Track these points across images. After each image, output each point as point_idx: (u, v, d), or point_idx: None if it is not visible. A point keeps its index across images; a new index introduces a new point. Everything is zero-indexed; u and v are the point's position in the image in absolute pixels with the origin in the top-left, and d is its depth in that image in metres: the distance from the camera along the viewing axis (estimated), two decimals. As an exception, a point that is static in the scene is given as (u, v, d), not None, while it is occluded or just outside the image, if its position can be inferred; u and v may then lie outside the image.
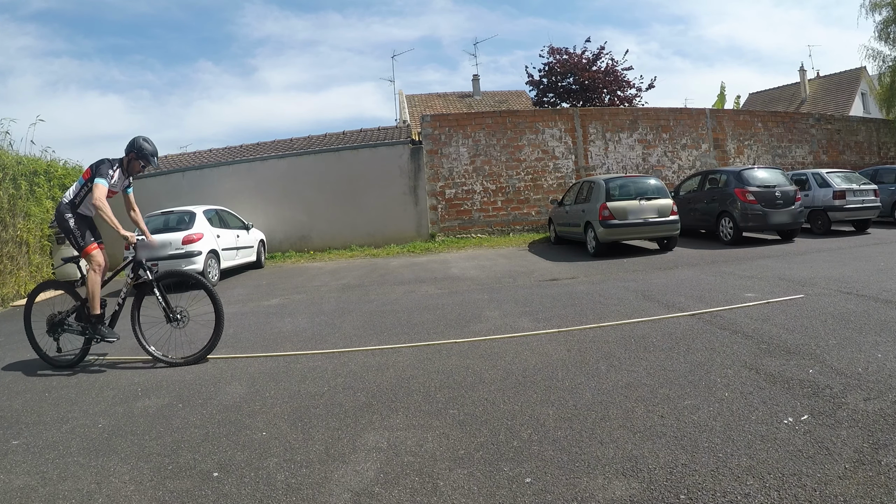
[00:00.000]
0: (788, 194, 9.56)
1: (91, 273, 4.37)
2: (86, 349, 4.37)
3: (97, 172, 4.29)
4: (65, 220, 4.36)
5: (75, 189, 4.46)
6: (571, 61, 18.97)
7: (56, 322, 4.40)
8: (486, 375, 3.29)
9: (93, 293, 4.34)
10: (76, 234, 4.38)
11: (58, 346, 4.37)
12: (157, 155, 4.56)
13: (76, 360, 4.31)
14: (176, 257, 8.57)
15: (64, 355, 4.35)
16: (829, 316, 4.08)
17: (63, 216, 4.37)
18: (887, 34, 17.64)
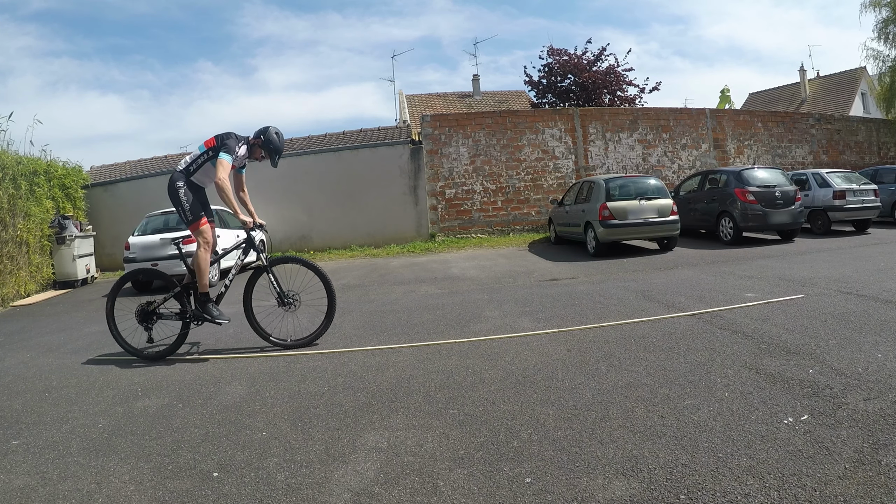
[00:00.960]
0: (788, 194, 9.56)
1: (200, 250, 4.14)
2: (183, 335, 4.22)
3: (224, 146, 4.06)
4: (175, 189, 4.12)
5: (192, 157, 4.24)
6: (571, 62, 18.96)
7: (149, 311, 4.22)
8: (486, 375, 3.29)
9: (201, 271, 4.12)
10: (185, 207, 4.14)
11: (150, 337, 4.21)
12: (281, 154, 4.39)
13: (171, 348, 4.18)
14: (176, 257, 8.57)
15: (156, 346, 4.22)
16: (829, 316, 4.08)
17: (174, 185, 4.13)
18: (887, 34, 17.65)
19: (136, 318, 4.24)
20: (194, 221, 4.16)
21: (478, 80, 25.59)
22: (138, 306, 4.25)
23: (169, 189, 4.20)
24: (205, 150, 4.20)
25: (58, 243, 9.98)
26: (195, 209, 4.18)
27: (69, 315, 7.10)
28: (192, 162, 4.21)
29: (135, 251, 8.71)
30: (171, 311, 4.26)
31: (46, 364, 4.40)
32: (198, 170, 4.21)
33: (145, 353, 4.20)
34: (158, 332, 4.29)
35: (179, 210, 4.18)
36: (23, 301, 8.74)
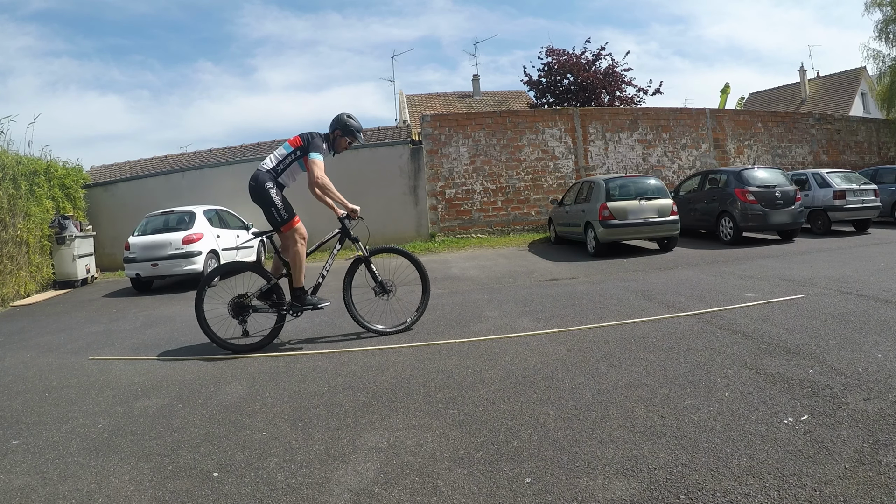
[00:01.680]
0: (788, 194, 9.56)
1: (297, 246, 4.18)
2: (278, 328, 4.25)
3: (313, 146, 4.07)
4: (265, 190, 4.09)
5: (278, 156, 4.20)
6: (570, 62, 18.96)
7: (243, 304, 4.21)
8: (486, 375, 3.29)
9: (299, 266, 4.18)
10: (278, 207, 4.10)
11: (244, 330, 4.22)
12: (361, 130, 4.42)
13: (265, 341, 4.20)
14: (176, 257, 8.58)
15: (249, 339, 4.23)
16: (829, 316, 4.08)
17: (264, 186, 4.09)
18: (887, 34, 17.65)
19: (230, 312, 4.21)
20: (289, 221, 4.14)
21: (478, 80, 25.61)
22: (231, 299, 4.23)
23: (256, 189, 4.13)
24: (291, 150, 4.18)
25: (58, 243, 9.98)
26: (288, 209, 4.15)
27: (69, 315, 7.10)
28: (280, 162, 4.17)
29: (135, 251, 8.72)
30: (265, 304, 4.22)
31: (46, 364, 4.40)
32: (285, 170, 4.18)
33: (237, 347, 4.19)
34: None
35: (272, 210, 4.11)
36: (23, 301, 8.74)
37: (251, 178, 4.20)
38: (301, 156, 4.18)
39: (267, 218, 4.17)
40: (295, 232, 4.16)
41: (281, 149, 4.25)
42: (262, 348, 4.20)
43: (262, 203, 4.13)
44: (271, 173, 4.15)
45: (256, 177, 4.16)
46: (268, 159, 4.25)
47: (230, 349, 4.19)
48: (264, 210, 4.16)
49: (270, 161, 4.22)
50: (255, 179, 4.16)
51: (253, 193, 4.18)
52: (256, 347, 4.19)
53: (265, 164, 4.21)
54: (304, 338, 4.63)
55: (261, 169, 4.19)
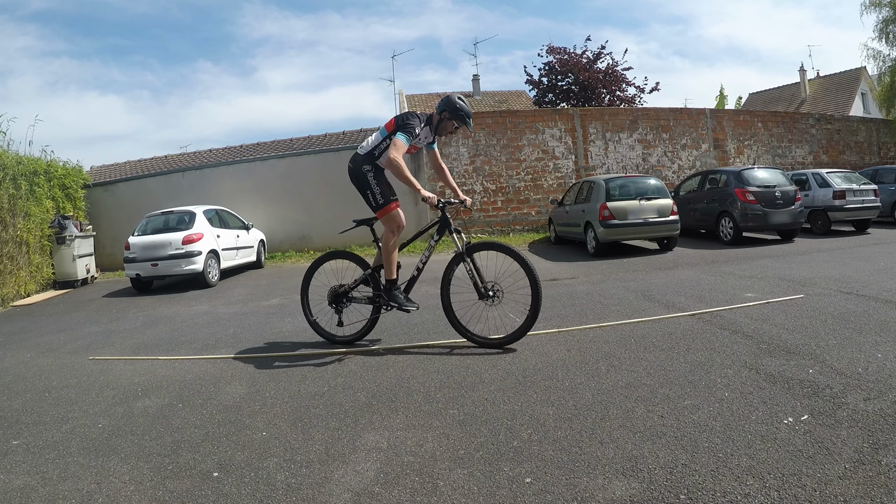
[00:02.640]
0: (788, 194, 9.57)
1: (388, 234, 4.02)
2: (373, 320, 4.17)
3: (403, 126, 3.90)
4: (362, 173, 3.97)
5: (375, 140, 4.05)
6: (571, 61, 18.95)
7: (341, 293, 4.16)
8: (486, 375, 3.29)
9: (389, 257, 4.00)
10: (375, 191, 3.98)
11: (339, 320, 4.14)
12: (471, 117, 4.14)
13: (360, 333, 4.15)
14: (176, 257, 8.58)
15: (345, 330, 4.16)
16: (829, 316, 4.08)
17: (360, 169, 3.97)
18: (887, 34, 17.65)
19: (328, 301, 4.21)
20: (385, 205, 3.99)
21: (478, 80, 25.62)
22: (331, 289, 4.20)
23: (353, 173, 4.04)
24: (385, 134, 4.04)
25: (58, 243, 9.98)
26: (386, 192, 4.02)
27: (69, 315, 7.10)
28: (375, 147, 4.04)
29: (135, 251, 8.72)
30: (362, 295, 4.14)
31: (46, 364, 4.40)
32: (381, 154, 4.03)
33: (337, 338, 4.17)
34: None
35: (368, 194, 4.01)
36: (23, 301, 8.74)
37: (350, 161, 4.15)
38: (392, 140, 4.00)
39: (365, 202, 4.12)
40: (389, 219, 4.03)
41: (377, 133, 4.13)
42: (358, 340, 4.18)
43: (359, 186, 4.04)
44: (367, 156, 4.02)
45: (354, 159, 4.08)
46: (366, 142, 4.13)
47: (330, 339, 4.19)
48: (361, 194, 4.06)
49: (366, 144, 4.11)
50: (353, 162, 4.09)
51: (351, 176, 4.10)
52: (353, 339, 4.17)
53: (362, 147, 4.09)
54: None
55: (358, 152, 4.09)
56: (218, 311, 6.43)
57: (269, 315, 5.94)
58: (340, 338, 4.20)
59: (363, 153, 4.05)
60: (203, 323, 5.75)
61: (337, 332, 4.20)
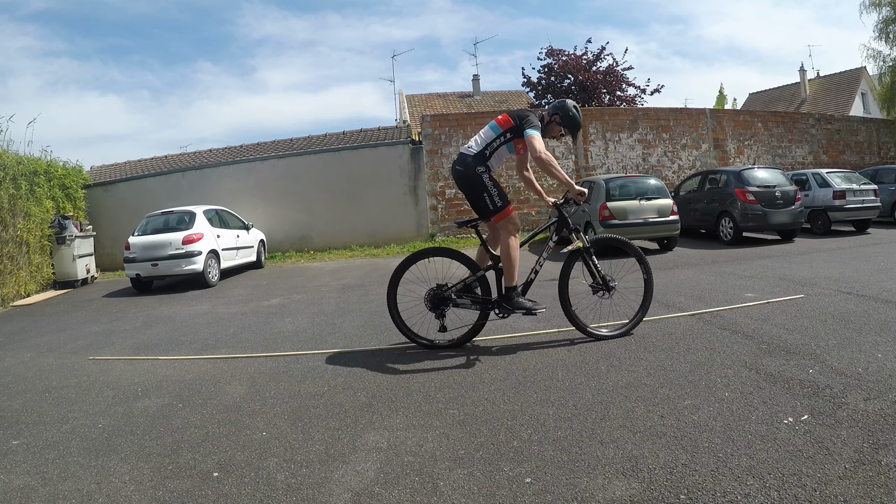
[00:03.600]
0: (788, 194, 9.57)
1: (511, 239, 3.74)
2: (479, 326, 3.88)
3: (528, 122, 3.68)
4: (476, 175, 3.71)
5: (486, 137, 3.80)
6: (571, 62, 18.95)
7: (443, 297, 3.85)
8: (486, 375, 3.29)
9: (512, 260, 3.73)
10: (492, 193, 3.71)
11: (442, 325, 3.84)
12: (580, 129, 4.02)
13: (463, 338, 3.89)
14: (176, 257, 8.58)
15: (445, 335, 3.88)
16: (829, 316, 4.08)
17: (474, 171, 3.71)
18: (887, 34, 17.65)
19: (427, 305, 3.89)
20: (503, 208, 3.75)
21: (478, 80, 25.60)
22: (429, 291, 3.90)
23: (464, 175, 3.78)
24: (500, 131, 3.78)
25: (58, 243, 9.98)
26: (503, 195, 3.78)
27: (69, 315, 7.10)
28: (487, 145, 3.77)
29: (135, 251, 8.72)
30: (467, 299, 3.87)
31: (46, 364, 4.40)
32: (493, 153, 3.79)
33: (432, 343, 3.91)
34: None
35: (484, 197, 3.73)
36: (23, 301, 8.74)
37: (456, 163, 3.86)
38: (511, 137, 3.78)
39: (474, 205, 3.83)
40: (508, 222, 3.75)
41: (488, 130, 3.85)
42: (459, 346, 3.90)
43: (472, 189, 3.76)
44: (479, 157, 3.76)
45: (464, 160, 3.79)
46: (472, 142, 3.86)
47: (424, 344, 3.91)
48: (473, 197, 3.79)
49: (476, 143, 3.83)
50: (461, 164, 3.80)
51: (460, 180, 3.83)
52: (453, 344, 3.89)
53: (471, 148, 3.83)
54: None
55: (467, 152, 3.81)
56: (218, 311, 6.43)
57: (269, 315, 5.94)
58: (437, 343, 3.91)
59: (473, 153, 3.78)
60: (203, 323, 5.75)
61: (435, 336, 3.92)
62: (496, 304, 3.83)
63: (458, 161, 3.87)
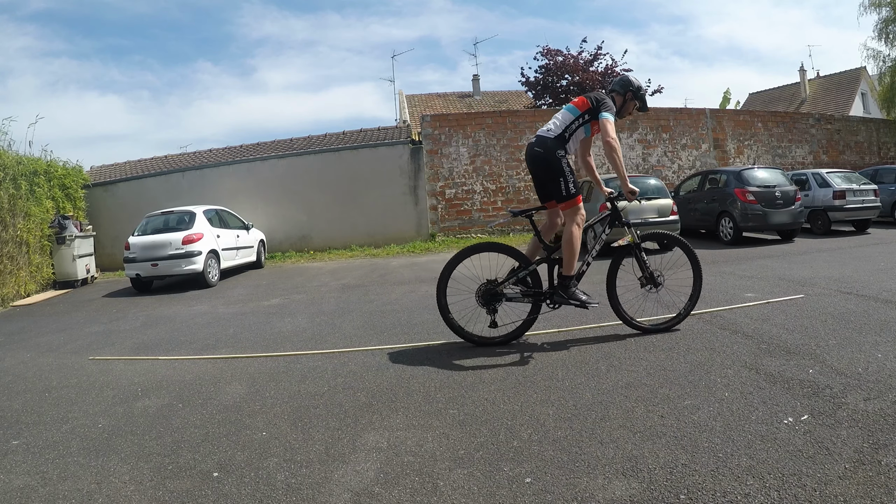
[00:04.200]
0: (788, 194, 9.57)
1: (575, 228, 3.70)
2: (530, 320, 3.81)
3: (605, 106, 3.62)
4: (556, 158, 3.61)
5: (564, 120, 3.71)
6: (567, 62, 18.93)
7: (494, 292, 3.76)
8: (486, 375, 3.29)
9: (574, 251, 3.68)
10: (569, 179, 3.64)
11: (493, 320, 3.75)
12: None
13: (514, 334, 3.82)
14: (176, 257, 8.58)
15: (497, 331, 3.80)
16: (829, 316, 4.08)
17: (554, 154, 3.62)
18: (887, 34, 17.65)
19: (478, 301, 3.80)
20: (575, 196, 3.69)
21: (478, 80, 25.60)
22: (480, 286, 3.82)
23: (543, 157, 3.68)
24: (578, 113, 3.71)
25: (58, 243, 9.98)
26: (576, 184, 3.72)
27: (69, 315, 7.10)
28: (567, 127, 3.68)
29: (135, 251, 8.72)
30: (518, 293, 3.81)
31: (46, 364, 4.40)
32: (572, 135, 3.71)
33: (482, 339, 3.83)
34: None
35: (560, 182, 3.63)
36: (23, 301, 8.74)
37: (535, 145, 3.74)
38: (590, 119, 3.72)
39: (544, 190, 3.80)
40: (576, 211, 3.71)
41: (565, 112, 3.78)
42: (509, 342, 3.84)
43: (548, 172, 3.67)
44: (560, 139, 3.66)
45: (544, 143, 3.68)
46: (551, 124, 3.77)
47: (474, 341, 3.83)
48: (548, 181, 3.71)
49: (555, 125, 3.73)
50: (541, 146, 3.68)
51: (537, 161, 3.73)
52: (504, 341, 3.83)
53: (550, 130, 3.72)
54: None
55: (546, 135, 3.71)
56: (218, 311, 6.43)
57: (269, 315, 5.94)
58: (487, 339, 3.84)
59: (554, 136, 3.68)
60: (203, 323, 5.75)
61: (487, 333, 3.84)
62: (549, 295, 3.78)
63: (536, 143, 3.77)
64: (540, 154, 3.73)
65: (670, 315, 4.03)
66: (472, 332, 3.87)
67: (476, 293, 3.85)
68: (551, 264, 3.81)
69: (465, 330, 3.87)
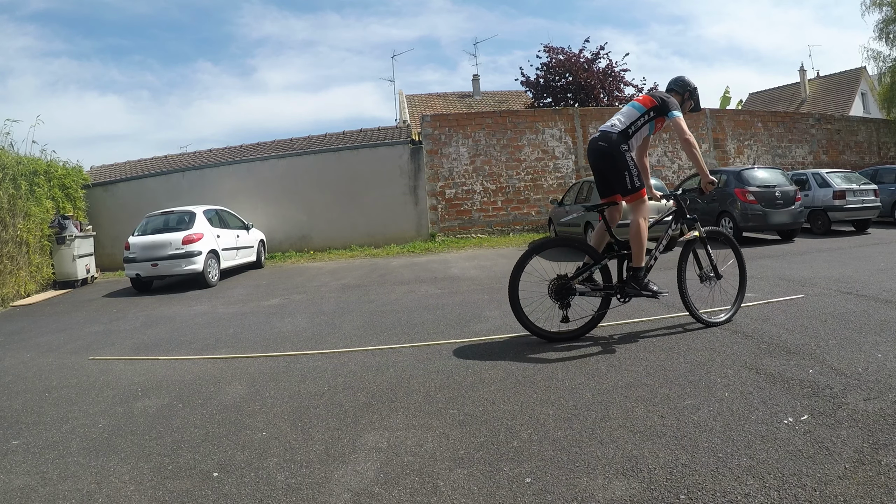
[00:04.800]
0: (788, 194, 9.57)
1: (641, 220, 3.79)
2: (600, 315, 3.87)
3: (672, 104, 3.73)
4: (620, 153, 3.70)
5: (629, 117, 3.80)
6: (569, 61, 18.93)
7: (566, 287, 3.79)
8: (486, 375, 3.29)
9: (641, 243, 3.79)
10: (633, 173, 3.71)
11: (565, 315, 3.78)
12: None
13: (585, 328, 3.86)
14: (176, 257, 8.58)
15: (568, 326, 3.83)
16: (829, 316, 4.08)
17: (619, 149, 3.70)
18: (887, 34, 17.65)
19: (551, 296, 3.84)
20: (640, 189, 3.77)
21: (478, 80, 25.60)
22: (552, 281, 3.85)
23: (608, 152, 3.76)
24: (644, 110, 3.79)
25: (58, 243, 9.98)
26: (640, 177, 3.79)
27: (69, 315, 7.10)
28: (632, 123, 3.76)
29: (135, 251, 8.72)
30: (590, 287, 3.86)
31: (46, 364, 4.40)
32: (636, 132, 3.79)
33: (553, 334, 3.84)
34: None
35: (625, 176, 3.71)
36: (23, 301, 8.74)
37: (599, 140, 3.82)
38: (654, 116, 3.81)
39: (606, 185, 3.90)
40: (641, 203, 3.78)
41: (630, 109, 3.86)
42: (579, 337, 3.86)
43: (614, 167, 3.74)
44: (624, 134, 3.74)
45: (608, 138, 3.76)
46: (615, 120, 3.84)
47: (545, 337, 3.85)
48: (613, 174, 3.78)
49: (619, 122, 3.80)
50: (606, 140, 3.76)
51: (601, 156, 3.82)
52: (576, 335, 3.84)
53: (614, 126, 3.80)
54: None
55: (611, 130, 3.79)
56: (218, 311, 6.43)
57: (269, 315, 5.94)
58: (560, 335, 3.84)
59: (618, 131, 3.76)
60: (203, 323, 5.76)
61: (560, 328, 3.84)
62: (618, 288, 3.85)
63: (600, 137, 3.84)
64: (604, 148, 3.80)
65: (724, 307, 4.18)
66: (543, 328, 3.86)
67: (548, 288, 3.87)
68: (620, 259, 3.93)
69: (538, 326, 3.86)
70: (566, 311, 3.81)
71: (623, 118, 3.83)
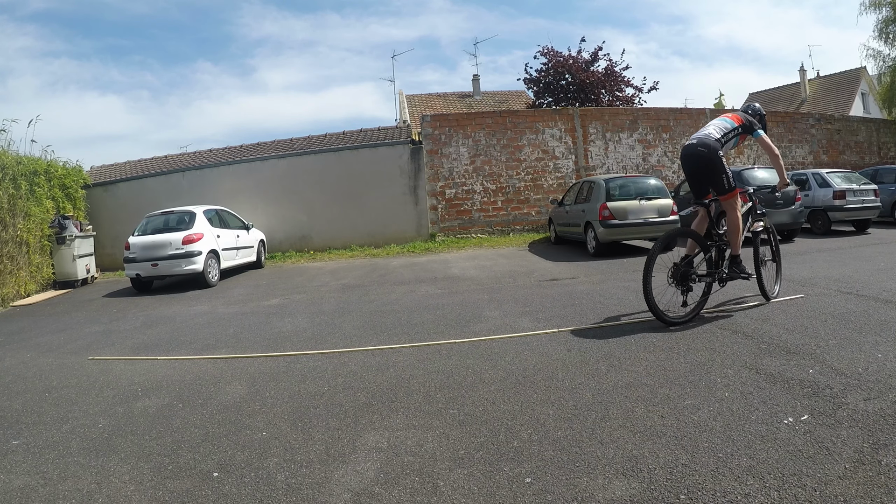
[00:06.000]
0: (788, 194, 9.56)
1: (737, 213, 4.39)
2: (705, 299, 4.33)
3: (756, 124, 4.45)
4: (718, 158, 4.26)
5: (723, 129, 4.40)
6: (566, 63, 18.92)
7: (685, 273, 4.22)
8: (486, 375, 3.29)
9: (738, 233, 4.40)
10: (728, 174, 4.28)
11: (685, 301, 4.21)
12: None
13: (693, 312, 4.20)
14: (176, 257, 8.58)
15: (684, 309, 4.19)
16: (829, 316, 4.08)
17: (717, 154, 4.26)
18: (887, 34, 17.65)
19: (672, 282, 4.24)
20: (734, 189, 4.33)
21: (478, 80, 25.58)
22: (673, 267, 4.26)
23: (708, 157, 4.26)
24: (735, 125, 4.40)
25: (58, 243, 9.97)
26: (733, 179, 4.35)
27: (69, 315, 7.10)
28: (725, 134, 4.37)
29: (135, 251, 8.72)
30: (706, 272, 4.34)
31: (46, 364, 4.40)
32: (727, 142, 4.38)
33: (671, 319, 4.11)
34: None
35: (723, 178, 4.25)
36: (23, 301, 8.74)
37: (699, 145, 4.32)
38: (741, 132, 4.44)
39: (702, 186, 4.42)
40: (735, 200, 4.37)
41: (723, 122, 4.45)
42: (691, 319, 4.16)
43: (711, 169, 4.26)
44: (719, 143, 4.31)
45: (707, 144, 4.29)
46: (711, 129, 4.40)
47: (666, 321, 4.10)
48: (710, 176, 4.29)
49: (715, 132, 4.37)
50: (705, 146, 4.28)
51: (700, 160, 4.30)
52: (689, 318, 4.16)
53: (710, 135, 4.35)
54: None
55: (709, 138, 4.32)
56: (218, 311, 6.43)
57: (269, 315, 5.94)
58: (679, 318, 4.14)
59: (715, 139, 4.31)
60: (203, 323, 5.76)
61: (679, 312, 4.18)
62: (719, 274, 4.39)
63: (700, 143, 4.33)
64: (704, 153, 4.30)
65: (772, 288, 4.79)
66: (667, 314, 4.12)
67: (668, 275, 4.26)
68: (718, 250, 4.45)
69: (663, 312, 4.13)
70: (686, 297, 4.22)
71: (719, 129, 4.39)
